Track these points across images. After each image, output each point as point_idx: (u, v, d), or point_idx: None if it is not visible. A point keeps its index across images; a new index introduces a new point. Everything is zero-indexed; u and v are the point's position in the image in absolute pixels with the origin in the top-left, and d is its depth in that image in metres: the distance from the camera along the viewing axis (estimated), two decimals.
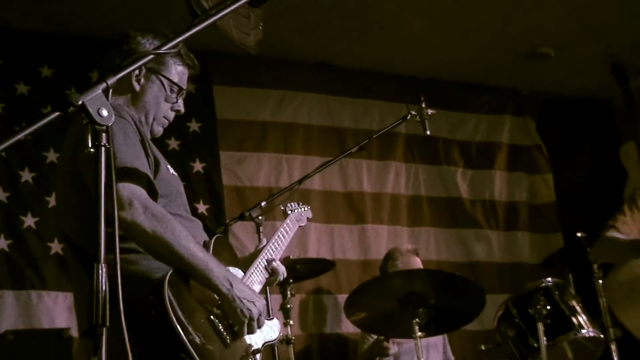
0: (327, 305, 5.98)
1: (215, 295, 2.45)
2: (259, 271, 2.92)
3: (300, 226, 3.71)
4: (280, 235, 3.26)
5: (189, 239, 2.40)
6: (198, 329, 2.31)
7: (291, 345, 4.82)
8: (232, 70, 6.13)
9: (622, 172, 7.09)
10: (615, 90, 7.06)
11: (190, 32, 2.01)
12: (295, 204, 3.77)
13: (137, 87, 2.71)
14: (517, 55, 6.65)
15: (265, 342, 2.66)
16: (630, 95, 6.96)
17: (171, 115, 2.89)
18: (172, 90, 2.83)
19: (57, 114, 1.65)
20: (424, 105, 4.65)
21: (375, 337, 5.28)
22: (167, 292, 2.26)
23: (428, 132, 4.70)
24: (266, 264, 2.96)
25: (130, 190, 2.33)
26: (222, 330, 2.43)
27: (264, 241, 3.15)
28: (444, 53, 6.51)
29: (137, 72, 2.69)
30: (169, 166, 2.72)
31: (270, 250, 3.05)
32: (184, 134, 5.81)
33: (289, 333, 4.81)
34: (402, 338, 5.10)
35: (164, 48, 1.99)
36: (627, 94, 6.97)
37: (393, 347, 5.02)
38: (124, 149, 2.39)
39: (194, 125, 5.91)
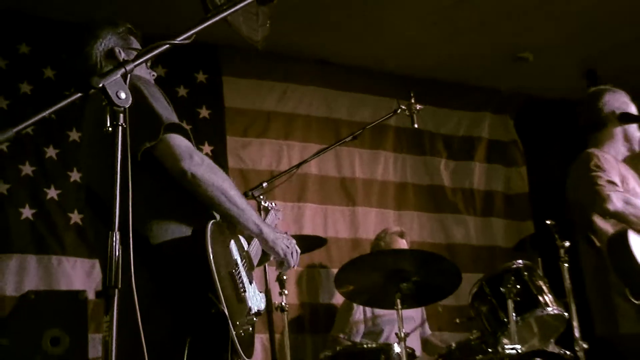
0: (319, 278, 5.99)
1: (246, 247, 2.57)
2: (259, 246, 2.90)
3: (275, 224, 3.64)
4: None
5: (236, 189, 2.45)
6: (223, 278, 2.31)
7: (285, 313, 4.83)
8: (240, 63, 6.11)
9: None
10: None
11: (204, 25, 2.01)
12: (272, 203, 3.91)
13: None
14: (499, 58, 6.65)
15: (258, 310, 2.63)
16: None
17: None
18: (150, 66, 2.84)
19: (79, 94, 1.65)
20: (413, 101, 4.65)
21: (358, 308, 5.31)
22: (209, 238, 2.26)
23: (416, 126, 4.70)
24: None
25: (185, 143, 2.35)
26: (238, 285, 2.43)
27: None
28: (433, 54, 6.50)
29: (122, 55, 2.67)
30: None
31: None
32: (194, 120, 5.81)
33: (284, 302, 4.81)
34: (385, 309, 5.13)
35: (179, 39, 1.98)
36: None
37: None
38: (162, 109, 2.38)
39: (204, 112, 5.90)
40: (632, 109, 4.06)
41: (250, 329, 2.45)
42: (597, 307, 3.76)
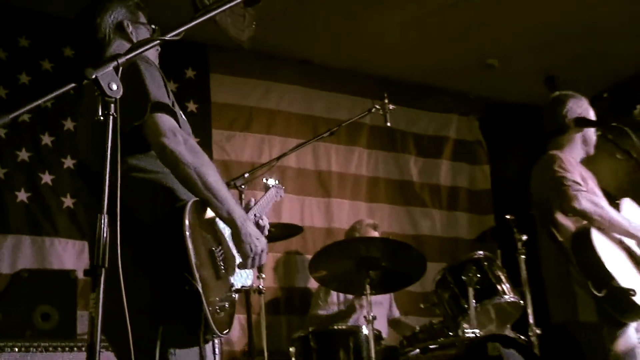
0: (295, 264, 5.99)
1: (224, 232, 2.41)
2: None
3: (275, 201, 3.61)
4: (264, 202, 3.19)
5: (217, 175, 2.31)
6: (201, 256, 2.23)
7: (262, 295, 4.82)
8: (227, 61, 6.09)
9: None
10: (547, 99, 7.08)
11: (192, 23, 1.99)
12: (275, 181, 3.68)
13: (134, 37, 2.61)
14: (467, 64, 6.66)
15: (242, 286, 2.55)
16: None
17: None
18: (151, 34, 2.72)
19: (73, 84, 1.63)
20: (386, 102, 4.65)
21: (331, 293, 5.31)
22: (187, 216, 2.18)
23: (388, 124, 4.70)
24: (255, 219, 2.85)
25: (170, 121, 2.26)
26: (218, 263, 2.34)
27: (252, 201, 3.06)
28: (407, 59, 6.50)
29: (130, 29, 2.60)
30: (180, 112, 2.59)
31: (258, 209, 2.98)
32: (183, 113, 5.75)
33: (261, 285, 4.80)
34: (355, 295, 5.13)
35: (168, 36, 1.96)
36: None
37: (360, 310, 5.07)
38: (154, 87, 2.30)
39: (191, 106, 5.88)
40: (592, 115, 4.09)
41: (227, 305, 2.33)
42: (557, 296, 3.78)
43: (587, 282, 3.51)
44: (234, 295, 2.42)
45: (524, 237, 5.01)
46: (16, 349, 3.70)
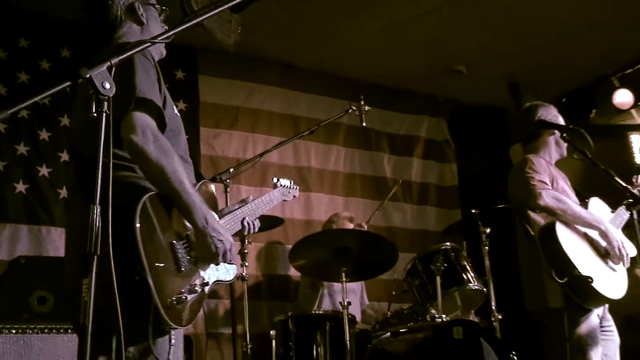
0: (276, 253, 5.98)
1: (190, 227, 2.26)
2: (234, 221, 2.71)
3: (284, 200, 3.40)
4: (263, 201, 3.04)
5: (184, 175, 2.20)
6: (156, 248, 2.11)
7: (245, 282, 4.81)
8: (214, 64, 6.06)
9: (510, 166, 7.16)
10: (510, 103, 7.14)
11: (181, 27, 1.97)
12: (288, 181, 3.46)
13: (144, 19, 2.52)
14: (438, 70, 6.68)
15: (218, 280, 2.43)
16: (520, 107, 7.02)
17: None
18: (160, 14, 2.63)
19: (68, 83, 1.62)
20: (362, 103, 4.66)
21: (312, 280, 5.32)
22: (139, 208, 2.08)
23: (364, 124, 4.72)
24: (242, 218, 2.75)
25: (144, 119, 2.16)
26: (180, 256, 2.20)
27: (250, 198, 2.90)
28: (382, 64, 6.51)
29: (141, 10, 2.50)
30: (174, 106, 2.52)
31: (250, 209, 2.83)
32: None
33: (244, 273, 4.79)
34: (332, 281, 5.14)
35: (160, 38, 1.95)
36: (519, 106, 7.03)
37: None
38: (144, 82, 2.21)
39: (181, 105, 5.83)
40: (561, 120, 4.18)
41: (188, 297, 2.19)
42: (529, 285, 3.86)
43: (551, 271, 3.59)
44: (201, 289, 2.29)
45: (488, 230, 5.05)
46: (13, 331, 3.67)
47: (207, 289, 2.34)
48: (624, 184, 3.44)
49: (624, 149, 7.44)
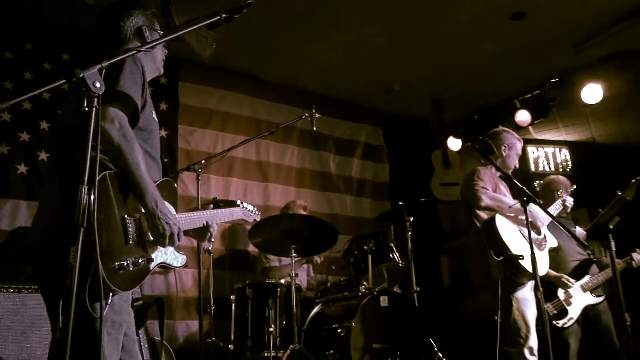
0: (238, 231, 5.93)
1: (142, 209, 2.16)
2: (192, 219, 2.57)
3: (243, 219, 3.16)
4: (224, 212, 2.86)
5: (140, 160, 2.11)
6: (110, 217, 2.03)
7: (211, 255, 4.78)
8: (192, 73, 5.96)
9: (431, 168, 7.27)
10: (433, 116, 7.23)
11: (164, 40, 1.94)
12: (253, 207, 3.23)
13: (149, 40, 2.44)
14: (376, 87, 6.71)
15: (163, 262, 2.28)
16: (441, 121, 7.14)
17: (162, 70, 2.68)
18: (163, 54, 2.62)
19: (63, 80, 1.57)
20: (314, 111, 4.66)
21: (268, 256, 5.29)
22: (99, 178, 1.99)
23: (314, 129, 4.72)
24: (205, 223, 2.61)
25: (116, 111, 2.08)
26: (129, 231, 2.11)
27: (211, 207, 2.74)
28: (331, 80, 6.51)
29: (147, 33, 2.45)
30: (154, 113, 2.44)
31: (210, 215, 2.67)
32: (156, 111, 5.58)
33: (211, 247, 4.75)
34: (283, 257, 5.13)
35: (144, 48, 1.91)
36: (440, 119, 7.14)
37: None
38: (127, 80, 2.14)
39: (163, 106, 5.74)
40: (519, 146, 4.29)
41: (132, 268, 2.08)
42: (478, 264, 3.98)
43: (491, 252, 3.74)
44: (145, 264, 2.17)
45: (411, 219, 5.12)
46: (11, 290, 3.55)
47: (151, 265, 2.21)
48: (520, 185, 3.51)
49: (522, 158, 7.60)
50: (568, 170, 7.19)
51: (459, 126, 7.18)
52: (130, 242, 2.11)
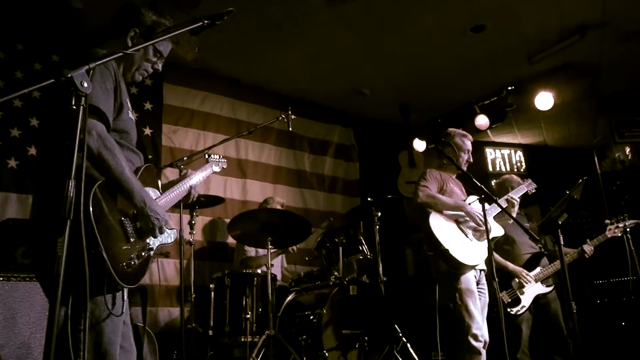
0: (218, 224, 5.89)
1: (133, 207, 2.18)
2: (178, 192, 2.64)
3: (214, 171, 3.28)
4: (198, 176, 2.95)
5: (124, 165, 2.10)
6: (107, 225, 2.04)
7: (192, 246, 4.73)
8: (176, 75, 5.88)
9: (398, 167, 7.32)
10: (401, 119, 7.27)
11: (149, 43, 1.91)
12: (218, 156, 3.36)
13: (130, 44, 2.35)
14: (348, 91, 6.72)
15: (161, 244, 2.35)
16: (408, 123, 7.18)
17: (150, 70, 2.49)
18: (154, 55, 2.46)
19: (52, 80, 1.54)
20: (290, 113, 4.64)
21: (246, 247, 5.27)
22: (92, 195, 1.98)
23: (290, 129, 4.69)
24: (189, 187, 2.72)
25: (93, 123, 2.05)
26: (128, 230, 2.15)
27: (190, 172, 2.85)
28: (306, 84, 6.50)
29: (132, 33, 2.35)
30: (130, 111, 2.37)
31: (192, 179, 2.78)
32: (141, 110, 5.57)
33: (192, 239, 4.71)
34: (260, 248, 5.11)
35: (129, 50, 1.88)
36: (407, 122, 7.19)
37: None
38: (99, 93, 2.10)
39: (148, 105, 5.66)
40: (468, 143, 4.21)
41: (136, 262, 2.14)
42: (431, 258, 3.96)
43: (424, 246, 3.72)
44: (147, 254, 2.24)
45: (379, 214, 5.14)
46: (1, 278, 3.48)
47: (152, 252, 2.29)
48: (479, 184, 3.55)
49: (480, 159, 7.71)
50: (522, 170, 7.32)
51: (424, 129, 7.23)
52: (132, 239, 2.15)
